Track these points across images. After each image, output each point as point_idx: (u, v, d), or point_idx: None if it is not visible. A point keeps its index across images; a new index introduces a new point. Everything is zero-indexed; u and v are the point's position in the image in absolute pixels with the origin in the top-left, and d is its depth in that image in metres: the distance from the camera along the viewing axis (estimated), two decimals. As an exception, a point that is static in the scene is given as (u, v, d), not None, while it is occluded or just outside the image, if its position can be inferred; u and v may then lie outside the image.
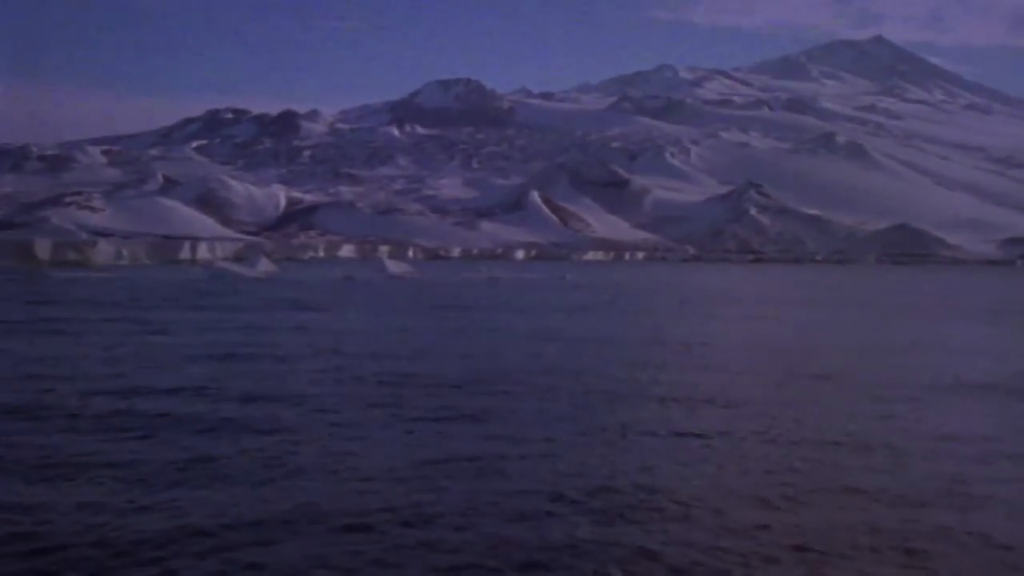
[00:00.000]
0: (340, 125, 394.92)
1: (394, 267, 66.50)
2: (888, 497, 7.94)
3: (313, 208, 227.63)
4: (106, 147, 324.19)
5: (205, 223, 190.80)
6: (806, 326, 28.32)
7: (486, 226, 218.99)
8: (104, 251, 78.06)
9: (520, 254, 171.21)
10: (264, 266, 62.41)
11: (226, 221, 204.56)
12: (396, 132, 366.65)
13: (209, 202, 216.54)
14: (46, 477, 8.12)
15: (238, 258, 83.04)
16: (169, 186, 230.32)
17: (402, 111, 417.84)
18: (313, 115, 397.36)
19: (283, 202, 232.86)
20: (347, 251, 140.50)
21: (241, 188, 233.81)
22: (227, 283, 49.16)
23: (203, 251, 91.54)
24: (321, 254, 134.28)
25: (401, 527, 6.92)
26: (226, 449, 9.31)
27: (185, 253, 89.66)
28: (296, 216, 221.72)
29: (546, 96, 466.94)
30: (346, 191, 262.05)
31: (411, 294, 42.72)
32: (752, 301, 43.42)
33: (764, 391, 14.07)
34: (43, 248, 72.93)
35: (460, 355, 18.23)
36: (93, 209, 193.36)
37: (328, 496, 7.66)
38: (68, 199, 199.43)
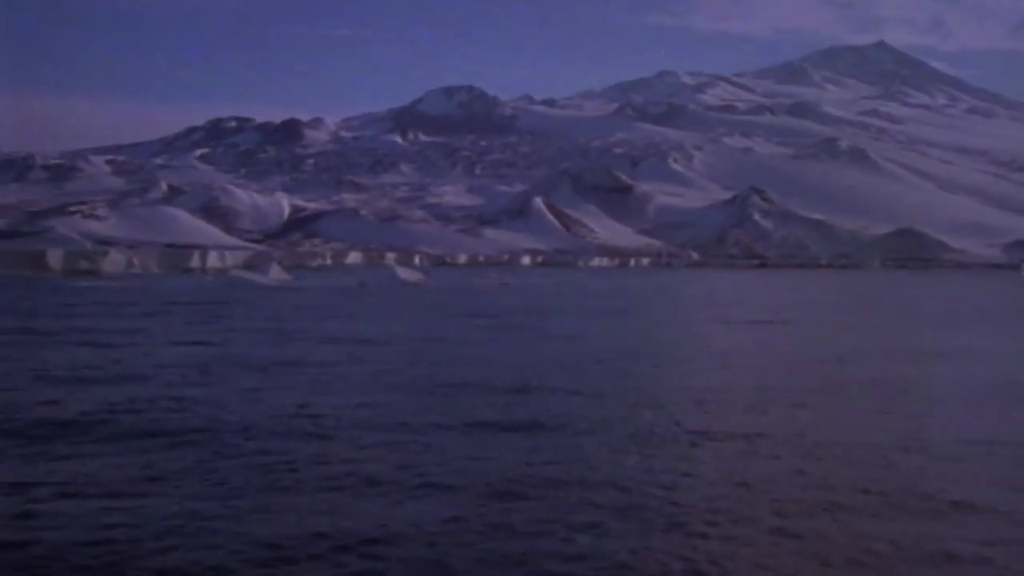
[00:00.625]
0: (343, 133, 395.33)
1: (406, 274, 66.55)
2: (967, 503, 8.03)
3: (317, 216, 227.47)
4: (110, 156, 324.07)
5: (209, 231, 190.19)
6: (832, 331, 28.40)
7: (490, 233, 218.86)
8: (115, 260, 78.17)
9: (526, 260, 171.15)
10: (276, 274, 62.55)
11: (230, 229, 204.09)
12: (399, 140, 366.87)
13: (213, 210, 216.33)
14: (146, 487, 8.24)
15: (248, 266, 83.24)
16: (173, 195, 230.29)
17: (405, 119, 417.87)
18: (316, 123, 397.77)
19: (287, 210, 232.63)
20: (354, 258, 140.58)
21: (245, 196, 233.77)
22: (243, 291, 49.30)
23: (213, 259, 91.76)
24: (329, 261, 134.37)
25: (488, 531, 7.07)
26: (301, 455, 9.44)
27: (195, 262, 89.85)
28: (300, 224, 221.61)
29: (548, 103, 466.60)
30: (349, 199, 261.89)
31: (429, 300, 42.82)
32: (769, 307, 43.45)
33: (815, 396, 14.17)
34: (55, 257, 73.17)
35: (500, 361, 18.35)
36: (97, 218, 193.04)
37: (413, 502, 7.80)
38: (72, 208, 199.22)
